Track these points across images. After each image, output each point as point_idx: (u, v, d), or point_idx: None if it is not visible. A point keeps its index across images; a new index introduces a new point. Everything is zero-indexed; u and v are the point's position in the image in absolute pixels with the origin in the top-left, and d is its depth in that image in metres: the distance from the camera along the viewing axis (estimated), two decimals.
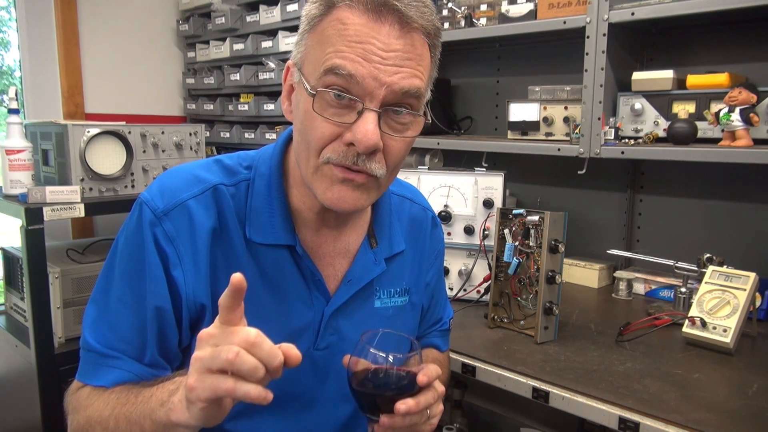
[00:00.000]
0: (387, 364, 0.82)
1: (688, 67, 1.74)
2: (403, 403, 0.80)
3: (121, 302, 0.88)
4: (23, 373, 1.89)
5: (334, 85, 0.80)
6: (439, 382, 0.88)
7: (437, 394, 0.86)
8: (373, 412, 0.83)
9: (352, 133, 0.80)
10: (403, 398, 0.80)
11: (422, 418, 0.85)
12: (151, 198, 0.89)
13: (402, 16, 0.79)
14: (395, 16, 0.79)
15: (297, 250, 0.92)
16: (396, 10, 0.79)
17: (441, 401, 0.90)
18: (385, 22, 0.79)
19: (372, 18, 0.79)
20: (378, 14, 0.79)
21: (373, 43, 0.78)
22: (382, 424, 0.82)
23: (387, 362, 0.82)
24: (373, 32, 0.79)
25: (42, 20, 2.55)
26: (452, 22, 2.00)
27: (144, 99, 2.91)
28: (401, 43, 0.80)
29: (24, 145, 1.89)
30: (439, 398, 0.87)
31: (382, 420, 0.82)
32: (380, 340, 0.83)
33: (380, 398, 0.82)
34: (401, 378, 0.82)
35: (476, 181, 1.69)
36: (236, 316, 0.68)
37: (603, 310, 1.71)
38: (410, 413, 0.80)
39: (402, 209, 1.09)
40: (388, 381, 0.82)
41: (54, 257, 1.95)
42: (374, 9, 0.79)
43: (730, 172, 1.75)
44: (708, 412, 1.07)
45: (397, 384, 0.82)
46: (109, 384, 0.86)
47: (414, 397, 0.81)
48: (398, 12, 0.79)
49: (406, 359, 0.83)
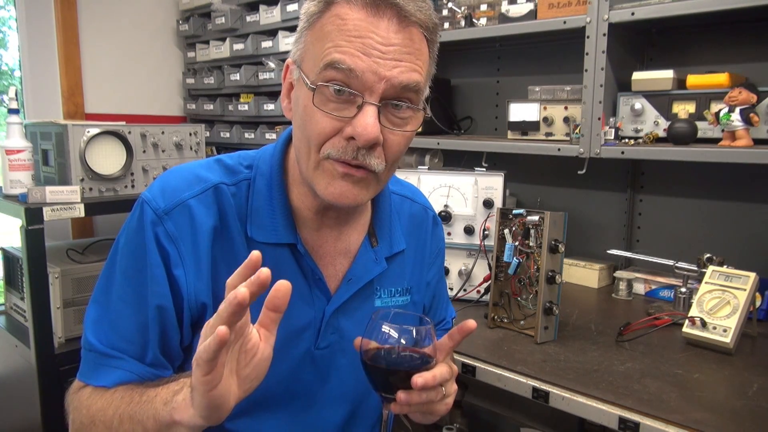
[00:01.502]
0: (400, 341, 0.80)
1: (688, 67, 1.74)
2: (420, 376, 0.78)
3: (122, 301, 0.88)
4: (23, 373, 1.89)
5: (333, 79, 0.80)
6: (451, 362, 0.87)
7: (452, 371, 0.86)
8: (388, 390, 0.82)
9: (352, 127, 0.81)
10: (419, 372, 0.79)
11: (438, 395, 0.84)
12: (152, 197, 0.89)
13: (400, 11, 0.80)
14: (394, 10, 0.80)
15: (298, 248, 0.92)
16: (394, 4, 0.79)
17: (454, 380, 0.89)
18: (384, 17, 0.79)
19: (371, 13, 0.79)
20: (376, 9, 0.79)
21: (372, 38, 0.79)
22: (399, 401, 0.81)
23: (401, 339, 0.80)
24: (372, 27, 0.79)
25: (42, 20, 2.55)
26: (452, 22, 2.00)
27: (144, 99, 2.91)
28: (400, 38, 0.80)
29: (24, 145, 1.89)
30: (453, 376, 0.87)
31: (399, 396, 0.80)
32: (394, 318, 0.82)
33: (395, 375, 0.81)
34: (415, 354, 0.81)
35: (476, 181, 1.69)
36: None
37: (603, 310, 1.71)
38: (427, 387, 0.79)
39: (402, 208, 1.09)
40: (403, 357, 0.81)
41: (54, 257, 1.95)
42: (373, 4, 0.79)
43: (730, 172, 1.75)
44: (708, 412, 1.07)
45: (412, 360, 0.81)
46: (110, 384, 0.86)
47: (430, 371, 0.80)
48: (397, 6, 0.79)
49: (419, 335, 0.81)
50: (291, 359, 0.94)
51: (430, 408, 0.86)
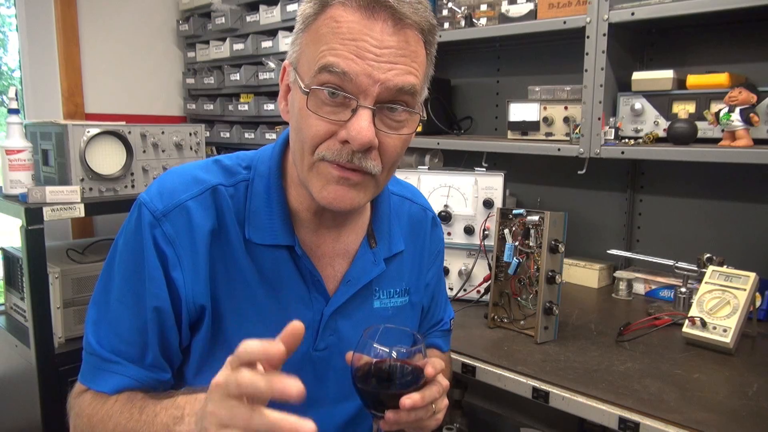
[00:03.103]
0: (390, 359, 0.81)
1: (688, 67, 1.74)
2: (409, 397, 0.79)
3: (121, 303, 0.88)
4: (23, 373, 1.89)
5: (328, 83, 0.80)
6: (443, 377, 0.88)
7: (442, 388, 0.86)
8: (377, 408, 0.83)
9: (346, 131, 0.80)
10: (408, 393, 0.79)
11: (428, 412, 0.84)
12: (150, 199, 0.89)
13: (395, 13, 0.79)
14: (388, 12, 0.79)
15: (296, 250, 0.92)
16: (389, 6, 0.79)
17: (446, 396, 0.89)
18: (378, 19, 0.79)
19: (365, 15, 0.79)
20: (371, 11, 0.79)
21: (367, 41, 0.78)
22: (387, 420, 0.81)
23: (390, 357, 0.81)
24: (366, 29, 0.78)
25: (42, 20, 2.55)
26: (452, 22, 2.00)
27: (144, 99, 2.91)
28: (395, 40, 0.80)
29: (24, 145, 1.89)
30: (443, 392, 0.87)
31: (387, 415, 0.81)
32: (382, 336, 0.82)
33: (385, 394, 0.81)
34: (405, 372, 0.82)
35: (476, 181, 1.69)
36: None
37: (603, 310, 1.71)
38: (416, 408, 0.80)
39: (402, 209, 1.09)
40: (392, 376, 0.81)
41: (54, 257, 1.95)
42: (367, 6, 0.79)
43: (730, 172, 1.75)
44: (708, 412, 1.07)
45: (401, 379, 0.81)
46: (110, 391, 0.86)
47: (419, 392, 0.81)
48: (391, 9, 0.79)
49: (409, 353, 0.82)
50: (289, 361, 0.94)
51: (420, 425, 0.86)
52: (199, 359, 0.91)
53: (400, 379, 0.81)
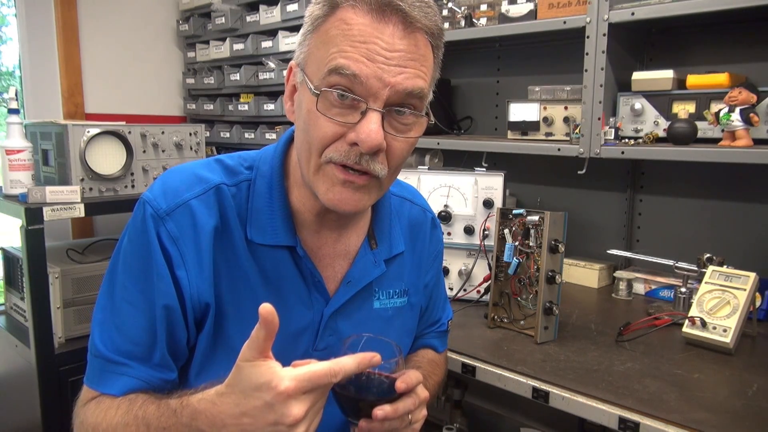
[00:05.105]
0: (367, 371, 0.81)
1: (688, 67, 1.74)
2: (381, 409, 0.80)
3: (128, 303, 0.87)
4: (23, 373, 1.89)
5: (337, 85, 0.80)
6: (423, 388, 0.88)
7: (418, 400, 0.86)
8: (352, 415, 0.84)
9: (355, 133, 0.80)
10: (381, 404, 0.81)
11: (402, 423, 0.85)
12: (153, 198, 0.89)
13: (406, 17, 0.79)
14: (399, 16, 0.79)
15: (297, 251, 0.92)
16: (400, 10, 0.79)
17: (424, 407, 0.89)
18: (389, 22, 0.79)
19: (376, 18, 0.79)
20: (382, 14, 0.79)
21: (377, 43, 0.78)
22: (360, 428, 0.83)
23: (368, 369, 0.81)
24: (377, 32, 0.78)
25: (42, 20, 2.55)
26: (452, 22, 2.00)
27: (144, 99, 2.91)
28: (405, 44, 0.80)
29: (24, 145, 1.89)
30: (421, 404, 0.87)
31: (360, 425, 0.82)
32: (365, 345, 0.83)
33: (360, 402, 0.82)
34: (381, 383, 0.83)
35: (476, 181, 1.69)
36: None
37: (603, 310, 1.71)
38: (388, 419, 0.81)
39: (402, 210, 1.09)
40: (369, 386, 0.82)
41: (54, 257, 1.95)
42: (378, 9, 0.79)
43: (730, 172, 1.75)
44: (708, 412, 1.07)
45: (377, 389, 0.83)
46: (118, 392, 0.85)
47: (392, 404, 0.81)
48: (402, 12, 0.79)
49: (387, 365, 0.83)
50: (289, 361, 0.94)
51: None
52: (201, 359, 0.91)
53: (375, 389, 0.83)
